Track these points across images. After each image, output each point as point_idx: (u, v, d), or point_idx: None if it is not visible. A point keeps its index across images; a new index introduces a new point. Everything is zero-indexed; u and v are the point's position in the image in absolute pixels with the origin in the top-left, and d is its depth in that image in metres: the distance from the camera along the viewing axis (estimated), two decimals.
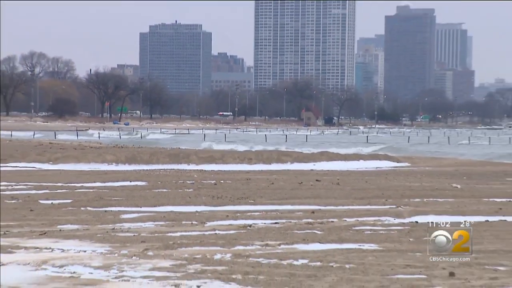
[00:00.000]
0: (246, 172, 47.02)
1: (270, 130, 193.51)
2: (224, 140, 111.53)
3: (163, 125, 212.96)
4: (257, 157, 58.65)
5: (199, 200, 30.13)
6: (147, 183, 38.05)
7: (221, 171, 47.83)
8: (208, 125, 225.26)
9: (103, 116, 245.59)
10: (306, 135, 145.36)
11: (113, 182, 38.36)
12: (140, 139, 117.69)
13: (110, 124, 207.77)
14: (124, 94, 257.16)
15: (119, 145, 78.56)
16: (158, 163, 53.82)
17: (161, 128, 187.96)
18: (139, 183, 38.05)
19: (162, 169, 49.26)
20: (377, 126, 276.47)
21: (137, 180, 39.67)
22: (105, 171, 47.08)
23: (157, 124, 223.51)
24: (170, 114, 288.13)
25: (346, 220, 24.19)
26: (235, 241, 19.90)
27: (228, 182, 38.98)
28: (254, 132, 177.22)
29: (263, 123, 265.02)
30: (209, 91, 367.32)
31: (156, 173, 45.62)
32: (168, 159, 56.01)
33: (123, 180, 39.52)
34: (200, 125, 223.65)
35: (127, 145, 79.18)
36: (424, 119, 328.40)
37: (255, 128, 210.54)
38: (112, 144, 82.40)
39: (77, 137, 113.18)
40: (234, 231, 21.84)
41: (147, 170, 48.19)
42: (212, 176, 43.01)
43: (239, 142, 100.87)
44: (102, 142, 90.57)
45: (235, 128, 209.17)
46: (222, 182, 38.94)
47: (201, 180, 40.06)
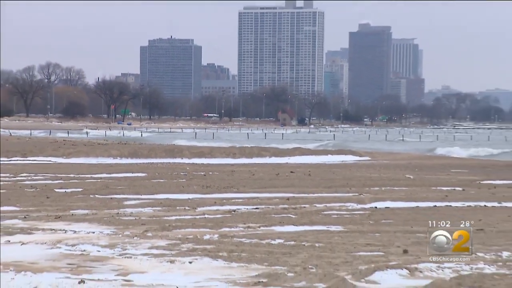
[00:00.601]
0: (231, 165, 46.98)
1: (252, 129, 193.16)
2: (212, 138, 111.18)
3: (160, 125, 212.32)
4: (241, 152, 58.59)
5: (191, 189, 30.10)
6: (147, 174, 37.99)
7: (210, 164, 47.79)
8: (199, 125, 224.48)
9: (109, 117, 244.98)
10: (282, 134, 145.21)
11: (118, 174, 38.30)
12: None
13: (115, 124, 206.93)
14: (127, 99, 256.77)
15: (123, 142, 78.31)
16: (156, 157, 53.72)
17: (158, 128, 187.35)
18: (140, 174, 37.99)
19: (159, 162, 49.18)
20: (342, 126, 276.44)
21: (138, 172, 39.61)
22: (111, 164, 46.98)
23: (155, 124, 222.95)
24: (166, 116, 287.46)
25: (316, 206, 24.20)
26: (222, 224, 19.88)
27: (216, 174, 38.95)
28: (238, 131, 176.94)
29: (245, 123, 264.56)
30: (199, 96, 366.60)
31: (154, 166, 45.54)
32: (165, 154, 55.91)
33: (126, 172, 39.46)
34: (192, 125, 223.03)
35: (129, 142, 78.90)
36: (382, 120, 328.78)
37: (239, 128, 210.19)
38: (117, 141, 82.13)
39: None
40: (221, 215, 21.84)
41: (147, 163, 48.10)
42: (202, 169, 42.96)
43: (224, 140, 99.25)
44: (108, 139, 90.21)
45: (222, 128, 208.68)
46: (211, 174, 38.91)
47: (193, 172, 40.02)
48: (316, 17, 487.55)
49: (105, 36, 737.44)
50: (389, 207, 24.04)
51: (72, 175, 36.76)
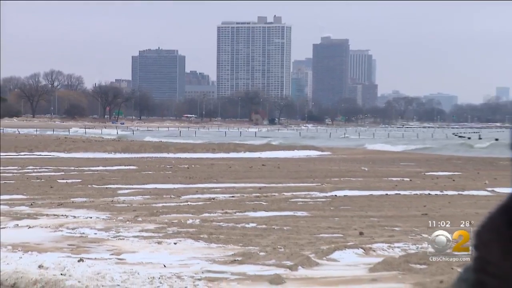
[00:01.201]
0: (211, 159, 46.95)
1: (229, 128, 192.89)
2: (195, 135, 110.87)
3: (149, 125, 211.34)
4: (219, 148, 58.60)
5: (176, 180, 30.07)
6: (137, 167, 37.89)
7: (192, 158, 47.74)
8: (183, 124, 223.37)
9: (105, 117, 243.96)
10: (255, 132, 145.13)
11: (112, 167, 38.16)
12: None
13: (110, 124, 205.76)
14: (120, 101, 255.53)
15: (117, 139, 77.99)
16: (146, 152, 53.58)
17: (148, 127, 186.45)
18: (131, 167, 37.88)
19: (148, 157, 49.05)
20: (307, 125, 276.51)
21: (130, 165, 39.49)
22: (106, 158, 46.81)
23: (145, 124, 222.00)
24: (154, 116, 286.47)
25: (284, 194, 24.25)
26: (203, 210, 19.88)
27: (198, 166, 38.91)
28: (217, 130, 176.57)
29: (223, 123, 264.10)
30: (183, 99, 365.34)
31: (144, 160, 45.42)
32: (153, 149, 55.80)
33: (119, 165, 39.33)
34: (177, 124, 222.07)
35: (122, 139, 78.57)
36: (341, 120, 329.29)
37: (218, 127, 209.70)
38: (112, 138, 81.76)
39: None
40: (202, 203, 21.83)
41: (137, 158, 47.97)
42: (186, 162, 42.91)
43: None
44: (104, 137, 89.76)
45: (203, 127, 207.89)
46: (193, 166, 38.87)
47: (177, 165, 39.96)
48: (284, 31, 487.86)
49: (101, 48, 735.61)
50: (347, 195, 24.13)
51: (72, 168, 36.61)
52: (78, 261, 12.38)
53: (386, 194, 24.42)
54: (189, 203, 21.54)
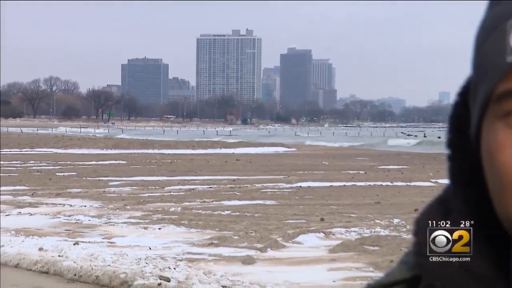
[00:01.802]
0: (191, 155, 46.84)
1: (206, 127, 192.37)
2: (177, 133, 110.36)
3: (137, 124, 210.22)
4: (198, 145, 58.48)
5: (160, 173, 29.97)
6: (126, 162, 37.69)
7: (175, 154, 47.58)
8: (166, 124, 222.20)
9: (97, 118, 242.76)
10: (230, 131, 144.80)
11: (104, 161, 37.93)
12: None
13: (102, 124, 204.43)
14: (111, 104, 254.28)
15: (108, 137, 77.44)
16: (134, 149, 53.30)
17: (135, 126, 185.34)
18: (121, 162, 37.67)
19: (136, 153, 48.82)
20: (275, 125, 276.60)
21: (120, 160, 39.26)
22: (99, 154, 46.50)
23: (133, 124, 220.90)
24: (141, 117, 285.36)
25: (255, 186, 24.25)
26: (184, 199, 19.84)
27: (179, 161, 38.80)
28: (196, 128, 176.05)
29: (201, 123, 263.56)
30: (167, 102, 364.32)
31: (132, 155, 45.19)
32: (140, 146, 55.54)
33: (110, 160, 39.09)
34: (161, 124, 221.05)
35: (113, 137, 78.07)
36: (305, 120, 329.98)
37: (197, 126, 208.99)
38: (104, 136, 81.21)
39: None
40: (183, 193, 21.78)
41: (126, 153, 47.71)
42: (169, 157, 42.76)
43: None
44: (97, 135, 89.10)
45: (184, 126, 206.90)
46: (176, 161, 38.75)
47: (161, 160, 39.83)
48: (256, 43, 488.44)
49: (95, 57, 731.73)
50: (310, 186, 24.19)
51: (69, 162, 36.34)
52: (74, 244, 12.33)
53: (344, 185, 24.52)
54: (172, 193, 21.49)
